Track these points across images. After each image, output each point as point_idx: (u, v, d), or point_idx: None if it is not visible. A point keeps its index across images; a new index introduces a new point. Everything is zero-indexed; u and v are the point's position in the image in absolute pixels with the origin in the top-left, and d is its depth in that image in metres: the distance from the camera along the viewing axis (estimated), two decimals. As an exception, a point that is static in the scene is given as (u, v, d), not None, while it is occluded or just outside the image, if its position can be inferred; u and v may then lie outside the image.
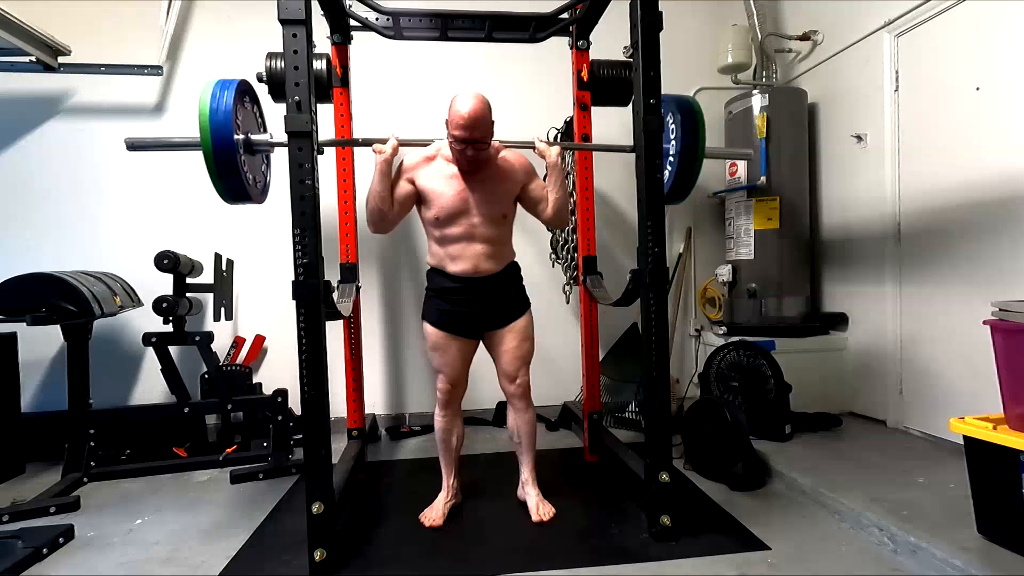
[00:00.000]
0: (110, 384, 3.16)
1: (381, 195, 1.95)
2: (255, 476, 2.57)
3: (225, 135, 1.69)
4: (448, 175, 2.00)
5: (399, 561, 1.82)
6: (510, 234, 2.13)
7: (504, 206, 2.05)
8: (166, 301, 2.64)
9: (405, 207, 2.03)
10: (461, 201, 1.98)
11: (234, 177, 1.72)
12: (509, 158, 2.06)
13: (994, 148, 2.34)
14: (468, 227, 2.00)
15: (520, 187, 2.08)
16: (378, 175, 1.95)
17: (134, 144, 1.88)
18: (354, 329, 2.84)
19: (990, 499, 1.69)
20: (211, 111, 1.68)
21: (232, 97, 1.72)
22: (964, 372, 2.47)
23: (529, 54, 3.18)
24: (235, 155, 1.70)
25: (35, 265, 2.65)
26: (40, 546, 1.87)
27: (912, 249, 2.76)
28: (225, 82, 1.77)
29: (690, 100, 2.11)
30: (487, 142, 1.92)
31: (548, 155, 2.02)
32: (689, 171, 1.98)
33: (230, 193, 1.80)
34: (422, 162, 2.03)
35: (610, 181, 3.42)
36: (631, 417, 3.21)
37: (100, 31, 3.18)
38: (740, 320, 3.33)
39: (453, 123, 1.87)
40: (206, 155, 1.70)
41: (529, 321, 2.15)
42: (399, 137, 2.00)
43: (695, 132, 1.98)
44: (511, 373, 2.10)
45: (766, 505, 2.16)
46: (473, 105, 1.84)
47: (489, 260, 2.03)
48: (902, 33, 2.76)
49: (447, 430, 2.16)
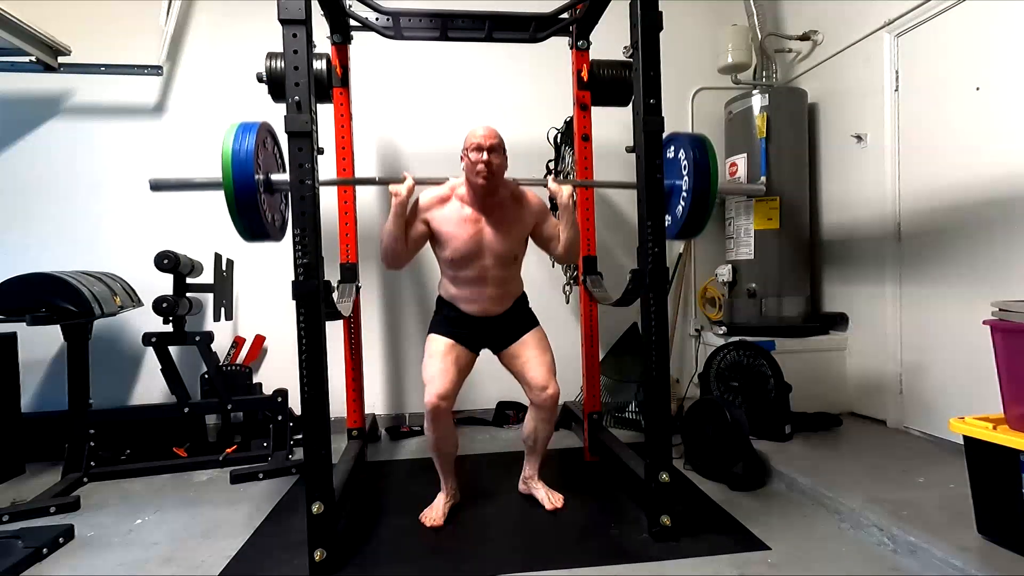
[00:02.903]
0: (110, 384, 3.17)
1: (396, 236, 1.97)
2: (255, 476, 2.57)
3: (246, 177, 1.70)
4: (462, 218, 2.02)
5: (399, 561, 1.82)
6: (520, 269, 2.17)
7: (516, 247, 2.10)
8: (166, 301, 2.64)
9: (418, 244, 2.06)
10: (475, 244, 2.01)
11: (254, 216, 1.73)
12: (524, 195, 2.09)
13: (994, 148, 2.34)
14: (480, 269, 2.04)
15: (533, 226, 2.11)
16: (393, 216, 1.96)
17: (158, 184, 1.91)
18: (354, 329, 2.84)
19: (990, 499, 1.69)
20: (233, 153, 1.70)
21: (254, 140, 1.73)
22: (964, 372, 2.46)
23: (529, 54, 3.18)
24: (256, 195, 1.71)
25: (35, 265, 2.65)
26: (40, 546, 1.87)
27: (912, 249, 2.76)
28: (247, 125, 1.78)
29: (702, 139, 2.07)
30: (503, 151, 1.96)
31: (560, 196, 2.04)
32: (702, 210, 1.96)
33: (249, 231, 1.80)
34: (436, 203, 2.04)
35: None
36: (631, 417, 3.21)
37: (100, 31, 3.18)
38: (740, 320, 3.33)
39: (470, 140, 1.93)
40: (228, 196, 1.70)
41: (543, 334, 2.18)
42: (414, 176, 2.00)
43: (707, 171, 1.94)
44: (541, 382, 2.06)
45: (766, 505, 2.16)
46: (487, 127, 1.95)
47: (500, 302, 2.11)
48: (902, 33, 2.76)
49: (440, 446, 2.08)
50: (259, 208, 1.73)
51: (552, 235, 2.12)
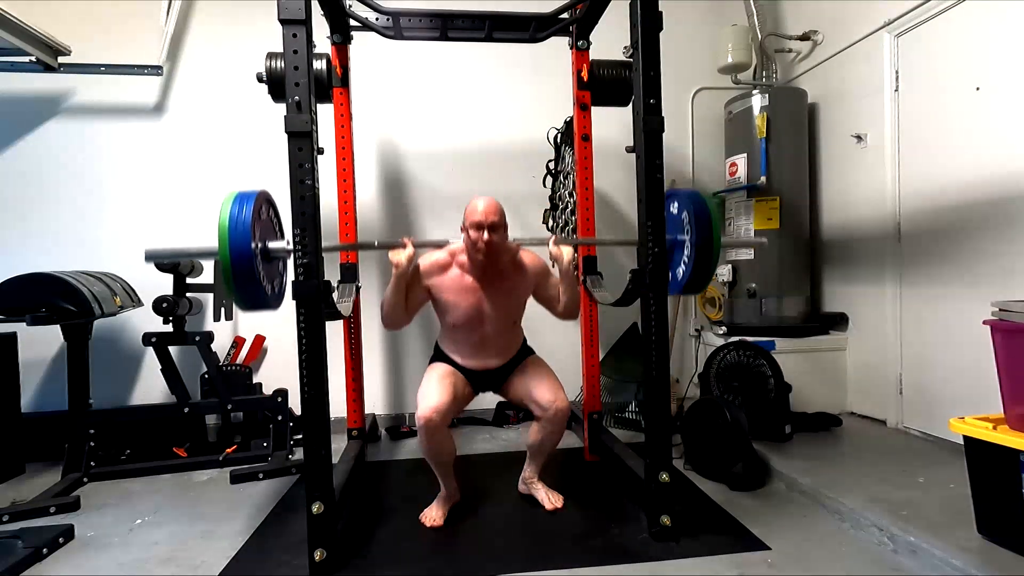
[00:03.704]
0: (110, 384, 3.16)
1: (396, 304, 1.99)
2: (255, 476, 2.57)
3: (243, 247, 1.65)
4: (462, 286, 2.03)
5: (399, 561, 1.82)
6: (520, 325, 2.21)
7: (517, 312, 2.15)
8: (166, 301, 2.64)
9: (418, 308, 2.09)
10: (475, 312, 2.04)
11: (251, 286, 1.68)
12: (523, 261, 2.10)
13: (994, 148, 2.34)
14: (481, 335, 2.08)
15: (533, 289, 2.13)
16: (393, 285, 1.97)
17: (153, 255, 1.84)
18: (354, 329, 2.84)
19: (990, 499, 1.69)
20: (230, 223, 1.64)
21: (251, 211, 1.67)
22: (964, 372, 2.46)
23: (529, 54, 3.18)
24: (253, 265, 1.66)
25: (35, 265, 2.65)
26: (40, 546, 1.87)
27: (912, 249, 2.76)
28: (244, 195, 1.72)
29: (701, 194, 2.00)
30: (503, 226, 1.96)
31: (562, 260, 2.02)
32: (707, 263, 1.92)
33: (247, 301, 1.75)
34: (437, 271, 2.06)
35: (610, 181, 3.42)
36: (631, 417, 3.21)
37: (100, 31, 3.18)
38: (740, 320, 3.33)
39: (469, 215, 1.93)
40: (223, 266, 1.65)
41: (541, 359, 2.22)
42: (414, 241, 1.98)
43: (709, 224, 1.90)
44: (549, 397, 2.04)
45: (766, 505, 2.16)
46: (488, 199, 1.94)
47: (501, 357, 2.14)
48: (902, 33, 2.76)
49: (436, 456, 2.05)
50: (256, 278, 1.69)
51: (552, 296, 2.14)
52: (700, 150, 3.70)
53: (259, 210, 1.75)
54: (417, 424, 1.96)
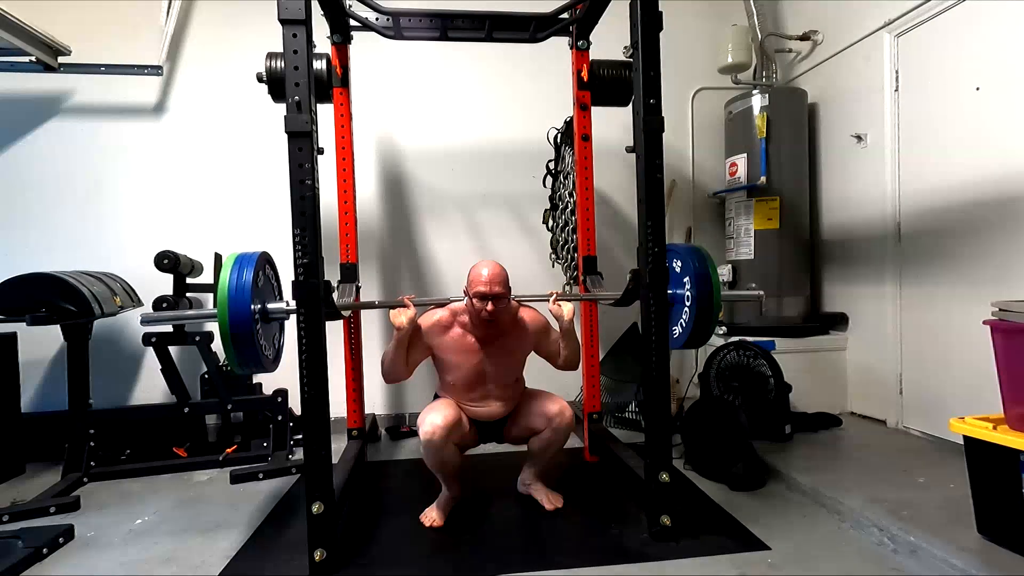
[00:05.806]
0: (110, 384, 3.16)
1: (397, 362, 2.02)
2: (255, 476, 2.57)
3: (243, 310, 1.65)
4: (464, 347, 2.05)
5: (399, 561, 1.82)
6: (522, 378, 2.22)
7: (518, 369, 2.17)
8: (166, 301, 2.64)
9: (419, 362, 2.12)
10: (477, 373, 2.06)
11: (249, 348, 1.68)
12: (524, 319, 2.12)
13: (994, 148, 2.34)
14: (483, 392, 2.11)
15: (534, 346, 2.16)
16: (395, 344, 2.00)
17: (149, 319, 1.86)
18: (354, 329, 2.84)
19: (990, 499, 1.69)
20: (230, 287, 1.65)
21: (252, 274, 1.68)
22: (964, 372, 2.46)
23: (529, 54, 3.18)
24: (251, 327, 1.66)
25: (35, 265, 2.65)
26: (40, 546, 1.87)
27: (912, 249, 2.76)
28: (245, 257, 1.72)
29: (700, 249, 2.02)
30: (507, 296, 1.98)
31: (562, 318, 2.07)
32: (707, 317, 1.93)
33: (243, 363, 1.75)
34: (439, 330, 2.07)
35: (610, 181, 3.42)
36: (631, 417, 3.21)
37: (100, 31, 3.18)
38: (740, 320, 3.33)
39: (474, 283, 1.94)
40: (222, 328, 1.66)
41: (534, 389, 2.24)
42: (414, 301, 2.02)
43: (708, 279, 1.92)
44: (555, 410, 2.08)
45: (766, 505, 2.16)
46: (492, 266, 1.96)
47: (501, 409, 2.15)
48: (902, 33, 2.76)
49: (442, 468, 2.04)
50: (255, 340, 1.69)
51: (553, 351, 2.17)
52: (700, 150, 3.70)
53: (259, 271, 1.76)
54: (421, 440, 1.97)
